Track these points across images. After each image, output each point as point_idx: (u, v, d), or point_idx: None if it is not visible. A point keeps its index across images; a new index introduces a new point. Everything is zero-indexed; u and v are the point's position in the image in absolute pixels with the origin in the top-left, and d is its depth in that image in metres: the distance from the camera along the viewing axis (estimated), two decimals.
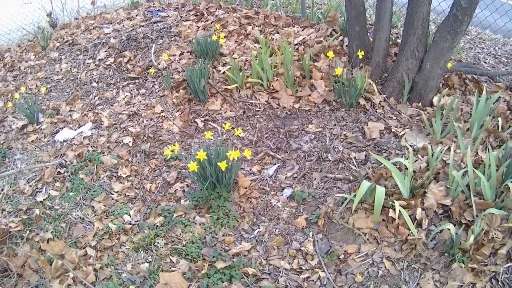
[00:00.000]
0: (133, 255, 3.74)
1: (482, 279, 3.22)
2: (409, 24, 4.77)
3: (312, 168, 4.47)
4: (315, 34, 6.17)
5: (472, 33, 7.99)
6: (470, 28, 8.08)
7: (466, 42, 7.42)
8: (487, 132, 4.44)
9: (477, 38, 7.79)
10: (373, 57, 5.28)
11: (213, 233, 3.87)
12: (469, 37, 7.77)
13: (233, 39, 6.39)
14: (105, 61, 6.59)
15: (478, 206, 3.57)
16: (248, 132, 5.00)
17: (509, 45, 7.50)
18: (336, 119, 4.97)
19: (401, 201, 3.70)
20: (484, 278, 3.23)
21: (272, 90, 5.41)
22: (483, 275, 3.24)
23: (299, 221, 3.92)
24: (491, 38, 7.84)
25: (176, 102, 5.52)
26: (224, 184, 4.11)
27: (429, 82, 4.83)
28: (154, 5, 8.30)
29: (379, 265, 3.50)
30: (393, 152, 4.40)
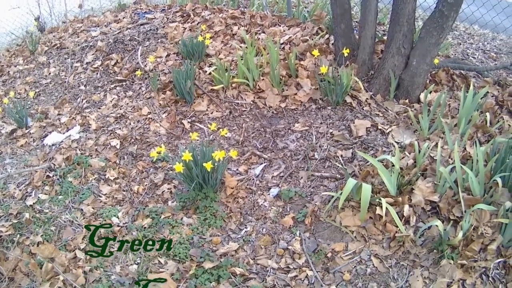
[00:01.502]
0: (122, 257, 3.75)
1: (472, 275, 3.21)
2: (395, 21, 4.77)
3: (298, 167, 4.46)
4: (301, 33, 6.17)
5: (461, 29, 7.99)
6: (458, 24, 8.09)
7: (455, 38, 7.43)
8: (475, 128, 4.44)
9: (466, 33, 7.78)
10: (359, 54, 5.27)
11: (201, 234, 3.87)
12: (457, 32, 7.77)
13: (219, 40, 6.38)
14: (93, 64, 6.58)
15: (467, 202, 3.56)
16: (234, 132, 5.00)
17: (498, 40, 7.51)
18: (322, 118, 4.96)
19: (388, 198, 3.69)
20: (474, 274, 3.22)
21: (258, 89, 5.41)
22: (473, 271, 3.23)
23: (286, 220, 3.92)
24: (480, 33, 7.83)
25: (163, 103, 5.51)
26: (210, 184, 4.11)
27: (416, 79, 4.82)
28: (141, 7, 8.29)
29: (367, 263, 3.49)
30: (380, 149, 4.40)
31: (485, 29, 7.83)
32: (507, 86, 5.10)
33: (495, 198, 3.55)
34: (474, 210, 3.47)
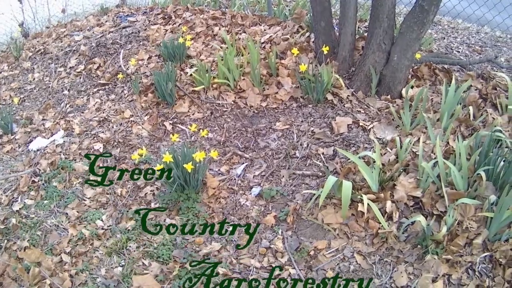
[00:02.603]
0: (107, 260, 3.75)
1: (458, 270, 3.21)
2: (375, 17, 4.76)
3: (280, 165, 4.46)
4: (282, 31, 6.18)
5: (444, 23, 7.98)
6: (441, 18, 8.09)
7: (439, 32, 7.42)
8: (458, 122, 4.43)
9: (450, 27, 7.77)
10: (339, 51, 5.26)
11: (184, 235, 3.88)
12: (441, 27, 7.75)
13: (200, 41, 6.37)
14: (76, 69, 6.57)
15: (450, 196, 3.55)
16: (216, 133, 4.99)
17: (483, 33, 7.52)
18: (303, 116, 4.96)
19: (369, 195, 3.70)
20: (460, 269, 3.21)
21: (239, 89, 5.41)
22: (459, 266, 3.23)
23: (268, 219, 3.92)
24: (464, 27, 7.81)
25: (145, 106, 5.51)
26: (192, 185, 4.11)
27: (397, 74, 4.82)
28: (123, 11, 8.27)
29: (350, 260, 3.49)
30: (362, 146, 4.39)
31: (470, 23, 7.83)
32: (491, 79, 5.10)
33: (480, 192, 3.54)
34: (458, 204, 3.46)
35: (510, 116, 4.48)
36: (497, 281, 3.13)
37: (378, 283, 3.31)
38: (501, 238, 3.29)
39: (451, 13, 7.06)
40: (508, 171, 3.53)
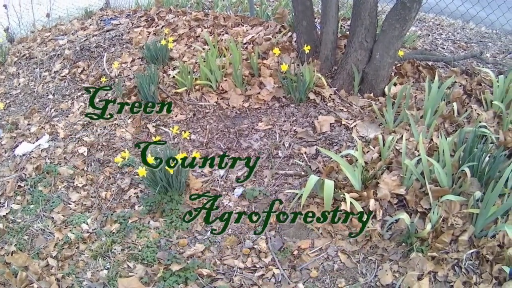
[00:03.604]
0: (92, 263, 3.75)
1: (444, 267, 3.20)
2: (356, 15, 4.75)
3: (262, 165, 4.46)
4: (264, 31, 6.18)
5: (429, 20, 7.99)
6: (426, 14, 8.10)
7: (423, 29, 7.43)
8: (442, 118, 4.43)
9: (435, 24, 7.79)
10: (321, 50, 5.27)
11: (168, 237, 3.87)
12: (426, 23, 7.77)
13: (183, 43, 6.36)
14: (60, 73, 6.56)
15: (435, 193, 3.55)
16: (198, 134, 4.98)
17: (468, 29, 7.54)
18: (285, 115, 4.95)
19: (352, 194, 3.69)
20: (446, 266, 3.21)
21: (222, 90, 5.39)
22: (445, 263, 3.22)
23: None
24: (449, 23, 7.85)
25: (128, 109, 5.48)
26: (175, 187, 4.11)
27: (380, 72, 4.82)
28: (107, 14, 8.26)
29: (334, 259, 3.49)
30: (344, 144, 4.40)
31: (454, 19, 7.85)
32: (475, 75, 5.10)
33: (465, 188, 3.54)
34: (442, 201, 3.47)
35: (495, 111, 4.48)
36: (485, 278, 3.12)
37: (363, 282, 3.30)
38: (488, 234, 3.29)
39: (435, 9, 7.05)
40: (494, 167, 3.54)
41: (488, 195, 3.23)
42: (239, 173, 4.42)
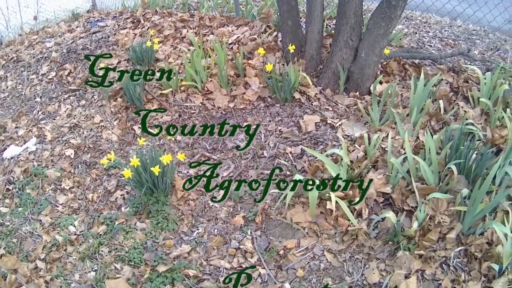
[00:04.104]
0: (80, 265, 3.76)
1: (432, 265, 3.20)
2: (342, 14, 4.74)
3: (248, 166, 4.45)
4: (249, 32, 6.18)
5: (417, 17, 7.99)
6: (412, 12, 8.11)
7: (410, 27, 7.43)
8: (428, 116, 4.43)
9: (422, 22, 7.78)
10: (306, 50, 5.26)
11: (154, 238, 3.87)
12: (413, 21, 7.77)
13: (169, 44, 6.36)
14: (48, 75, 6.55)
15: (421, 191, 3.55)
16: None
17: (456, 27, 7.55)
18: (271, 115, 4.95)
19: (338, 192, 3.68)
20: (434, 264, 3.20)
21: (207, 91, 5.38)
22: (432, 261, 3.22)
23: (236, 219, 3.92)
24: (437, 20, 7.84)
25: (114, 110, 5.49)
26: (161, 188, 4.10)
27: (365, 71, 4.81)
28: (94, 16, 8.26)
29: (320, 258, 3.49)
30: (330, 143, 4.39)
31: (443, 17, 7.85)
32: (462, 73, 5.10)
33: (452, 186, 3.54)
34: (429, 199, 3.46)
35: (482, 108, 4.48)
36: (473, 275, 3.12)
37: (350, 281, 3.30)
38: (476, 232, 3.29)
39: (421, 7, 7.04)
40: (481, 164, 3.54)
41: (475, 193, 3.22)
42: (225, 174, 4.42)
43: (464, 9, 6.52)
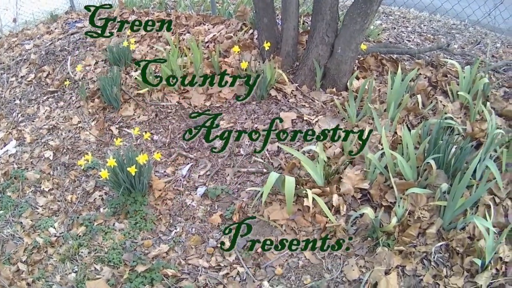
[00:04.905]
0: (61, 266, 3.76)
1: (412, 260, 3.20)
2: (317, 10, 4.73)
3: (224, 164, 4.46)
4: (226, 30, 6.18)
5: (396, 13, 8.01)
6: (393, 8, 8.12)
7: (389, 23, 7.43)
8: (406, 111, 4.42)
9: (401, 17, 7.80)
10: (282, 47, 5.26)
11: (132, 238, 3.88)
12: (392, 17, 7.78)
13: (145, 43, 6.34)
14: (27, 78, 6.53)
15: (399, 186, 3.55)
16: (161, 135, 4.98)
17: (436, 21, 7.56)
18: (247, 113, 4.94)
19: (315, 189, 3.67)
20: (415, 259, 3.21)
21: (183, 90, 5.37)
22: (413, 256, 3.22)
23: (214, 218, 3.92)
24: (416, 16, 7.87)
25: (92, 111, 5.48)
26: (138, 188, 4.11)
27: (342, 67, 4.79)
28: (72, 17, 8.22)
29: (298, 256, 3.49)
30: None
31: (422, 12, 7.87)
32: (441, 67, 5.11)
33: (431, 181, 3.54)
34: (408, 194, 3.46)
35: (461, 102, 4.48)
36: (456, 270, 3.12)
37: (329, 278, 3.30)
38: (457, 227, 3.29)
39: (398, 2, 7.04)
40: (460, 158, 3.54)
41: (455, 187, 3.22)
42: (202, 172, 4.43)
43: (442, 3, 6.52)
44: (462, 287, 3.03)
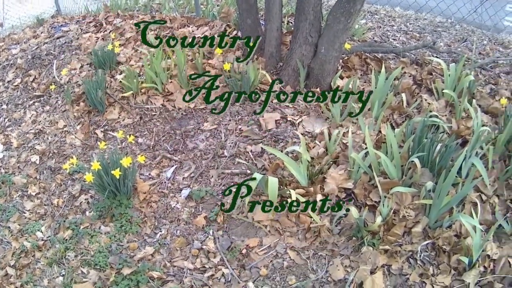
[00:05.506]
0: (48, 270, 3.77)
1: (398, 259, 3.21)
2: (300, 10, 4.72)
3: (208, 166, 4.45)
4: (210, 31, 6.17)
5: (381, 12, 7.98)
6: (378, 7, 8.12)
7: (374, 22, 7.41)
8: (390, 110, 4.44)
9: (387, 16, 7.77)
10: (266, 47, 5.25)
11: (118, 241, 3.88)
12: (377, 16, 7.76)
13: (130, 46, 6.34)
14: (13, 82, 6.52)
15: (384, 185, 3.55)
16: (145, 137, 4.98)
17: (422, 20, 7.55)
18: (231, 114, 4.92)
19: (299, 190, 3.68)
20: (400, 258, 3.22)
21: (167, 93, 5.35)
22: (399, 255, 3.23)
23: (198, 220, 3.92)
24: (402, 14, 7.85)
25: (77, 115, 5.48)
26: (123, 191, 4.11)
27: (326, 66, 4.78)
28: (58, 21, 8.22)
29: (283, 256, 3.50)
30: (290, 141, 4.38)
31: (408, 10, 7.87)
32: (426, 65, 5.12)
33: (415, 179, 3.55)
34: (392, 193, 3.46)
35: (447, 100, 4.50)
36: (443, 269, 3.14)
37: (314, 278, 3.31)
38: (443, 225, 3.30)
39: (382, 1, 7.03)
40: (445, 156, 3.55)
41: (440, 185, 3.23)
42: (186, 174, 4.43)
43: (427, 1, 6.52)
44: (450, 285, 3.05)
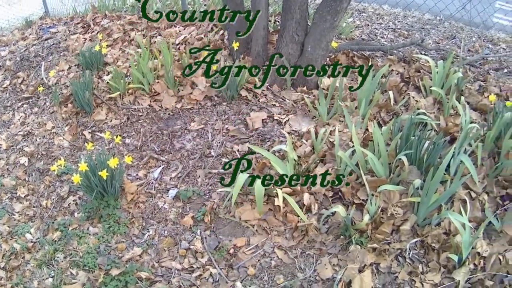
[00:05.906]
0: (38, 272, 3.77)
1: (387, 258, 3.21)
2: (287, 9, 4.71)
3: (195, 165, 4.45)
4: (196, 31, 6.18)
5: (369, 10, 7.98)
6: (366, 5, 8.12)
7: (362, 20, 7.42)
8: (378, 108, 4.44)
9: (375, 14, 7.78)
10: (252, 47, 5.24)
11: (106, 242, 3.88)
12: (365, 14, 7.76)
13: (117, 47, 6.35)
14: (2, 84, 6.51)
15: (371, 184, 3.55)
16: (133, 138, 4.98)
17: (410, 17, 7.55)
18: (218, 114, 4.94)
19: (286, 189, 3.69)
20: (389, 256, 3.22)
21: (154, 93, 5.36)
22: (387, 253, 3.23)
23: (186, 220, 3.92)
24: (390, 12, 7.84)
25: (65, 116, 5.47)
26: (110, 192, 4.11)
27: (312, 65, 4.77)
28: (46, 22, 8.22)
29: (271, 256, 3.51)
30: (277, 140, 4.39)
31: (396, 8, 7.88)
32: (414, 63, 5.13)
33: (403, 177, 3.55)
34: (380, 191, 3.47)
35: (435, 98, 4.50)
36: (432, 267, 3.14)
37: (302, 277, 3.31)
38: (432, 222, 3.30)
39: None
40: (433, 154, 3.55)
41: (428, 183, 3.23)
42: (173, 175, 4.43)
43: None
44: (439, 283, 3.05)
